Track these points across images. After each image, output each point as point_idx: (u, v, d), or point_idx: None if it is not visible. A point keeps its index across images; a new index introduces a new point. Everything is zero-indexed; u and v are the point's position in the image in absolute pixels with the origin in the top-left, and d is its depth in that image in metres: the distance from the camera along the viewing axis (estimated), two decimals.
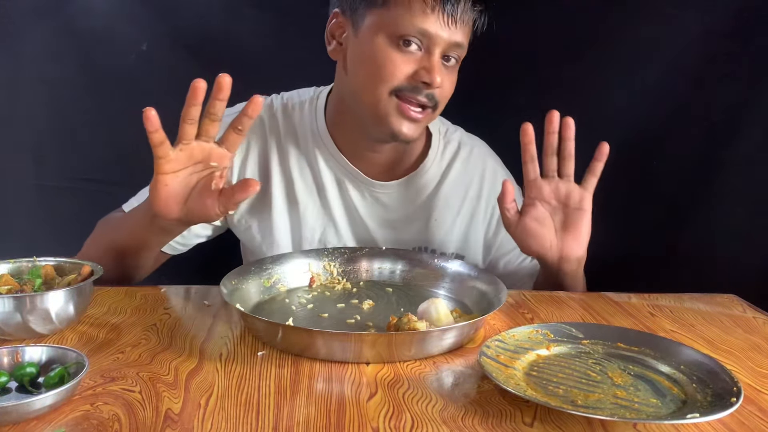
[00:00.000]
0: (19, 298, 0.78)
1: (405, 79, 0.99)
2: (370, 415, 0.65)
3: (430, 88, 0.99)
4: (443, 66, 1.01)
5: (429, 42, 0.99)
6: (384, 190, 1.15)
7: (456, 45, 1.00)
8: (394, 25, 0.98)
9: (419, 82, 0.99)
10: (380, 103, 1.01)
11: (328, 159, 1.14)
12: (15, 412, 0.61)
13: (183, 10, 1.43)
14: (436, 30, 0.98)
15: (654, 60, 1.32)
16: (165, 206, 0.91)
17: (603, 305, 0.98)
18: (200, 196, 0.91)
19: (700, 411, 0.63)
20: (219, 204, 0.91)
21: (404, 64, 0.99)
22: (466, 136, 1.22)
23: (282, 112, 1.17)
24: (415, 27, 0.97)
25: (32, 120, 1.49)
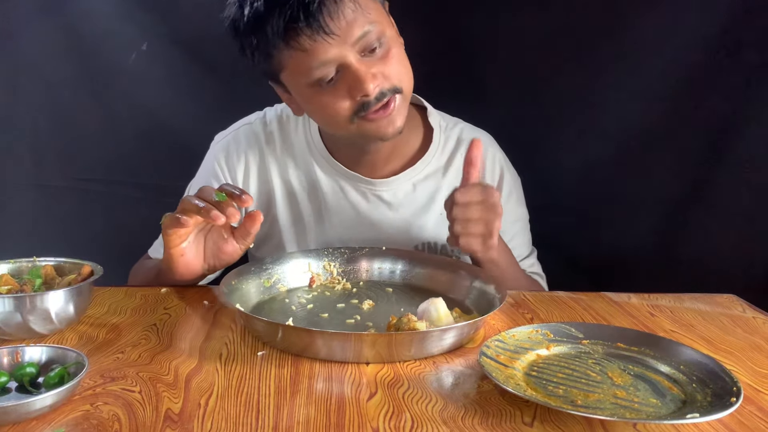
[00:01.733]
0: (19, 298, 0.78)
1: (349, 109, 0.97)
2: (370, 415, 0.65)
3: (371, 96, 0.95)
4: (371, 60, 0.96)
5: (335, 62, 0.94)
6: (384, 187, 1.14)
7: (360, 39, 0.94)
8: (301, 78, 0.97)
9: (360, 99, 0.96)
10: (349, 131, 1.01)
11: (324, 166, 1.14)
12: (15, 412, 0.61)
13: (183, 10, 1.43)
14: (327, 54, 0.93)
15: (654, 60, 1.32)
16: (187, 272, 0.96)
17: (603, 305, 0.98)
18: (216, 246, 0.96)
19: (699, 411, 0.63)
20: (238, 244, 0.96)
21: (338, 99, 0.97)
22: (468, 129, 1.21)
23: (277, 123, 1.17)
24: (309, 68, 0.95)
25: (32, 120, 1.49)
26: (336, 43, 0.93)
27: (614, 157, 1.38)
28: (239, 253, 0.97)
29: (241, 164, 1.15)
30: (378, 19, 0.97)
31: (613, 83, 1.35)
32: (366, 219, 1.15)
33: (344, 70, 0.95)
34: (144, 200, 1.50)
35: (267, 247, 1.19)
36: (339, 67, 0.95)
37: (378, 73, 0.96)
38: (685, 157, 1.35)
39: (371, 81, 0.95)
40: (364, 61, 0.96)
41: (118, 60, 1.45)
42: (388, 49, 0.98)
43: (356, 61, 0.95)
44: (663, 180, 1.37)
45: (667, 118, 1.34)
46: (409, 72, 1.02)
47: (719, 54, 1.28)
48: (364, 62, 0.95)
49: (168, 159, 1.48)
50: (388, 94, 0.98)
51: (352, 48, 0.94)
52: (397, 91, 0.99)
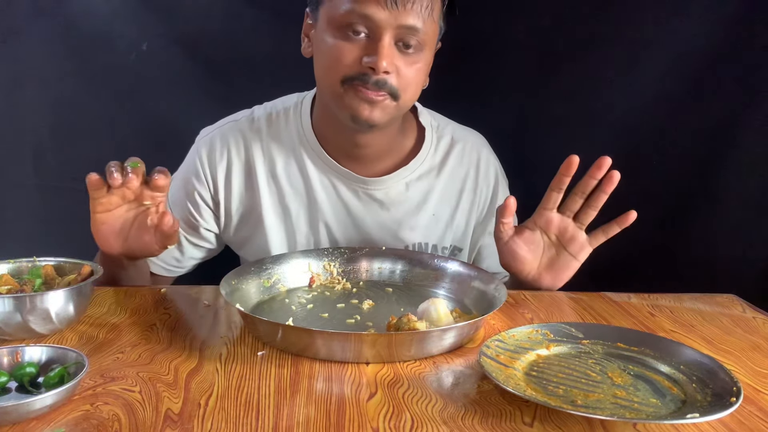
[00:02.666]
0: (19, 298, 0.78)
1: (351, 67, 0.98)
2: (370, 415, 0.65)
3: (377, 74, 0.97)
4: (399, 54, 0.98)
5: (374, 27, 0.96)
6: (377, 186, 1.14)
7: (408, 29, 0.96)
8: (338, 14, 0.97)
9: (365, 68, 0.97)
10: (335, 93, 1.01)
11: (317, 161, 1.13)
12: (15, 412, 0.61)
13: (183, 10, 1.43)
14: (378, 13, 0.95)
15: (654, 60, 1.32)
16: (106, 243, 0.98)
17: (603, 305, 0.98)
18: (138, 232, 0.97)
19: (699, 411, 0.63)
20: (156, 239, 0.97)
21: (350, 52, 0.97)
22: (459, 130, 1.21)
23: (266, 121, 1.15)
24: (355, 12, 0.95)
25: (32, 120, 1.49)
26: (389, 13, 0.94)
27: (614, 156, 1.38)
28: (156, 248, 0.98)
29: (223, 161, 1.14)
30: (429, 33, 1.00)
31: (612, 83, 1.35)
32: (357, 218, 1.15)
33: (374, 36, 0.96)
34: None
35: (251, 246, 1.17)
36: (373, 31, 0.96)
37: (394, 66, 0.98)
38: (685, 157, 1.35)
39: (387, 62, 0.96)
40: (393, 46, 0.97)
41: (118, 60, 1.45)
42: (417, 59, 1.00)
43: (388, 40, 0.96)
44: (663, 180, 1.37)
45: (667, 118, 1.34)
46: (416, 91, 1.04)
47: (719, 54, 1.28)
48: (392, 46, 0.97)
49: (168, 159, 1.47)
50: (385, 90, 0.98)
51: (396, 29, 0.96)
52: (394, 94, 1.00)
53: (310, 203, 1.14)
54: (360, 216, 1.15)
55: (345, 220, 1.15)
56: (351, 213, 1.15)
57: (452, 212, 1.18)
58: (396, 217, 1.15)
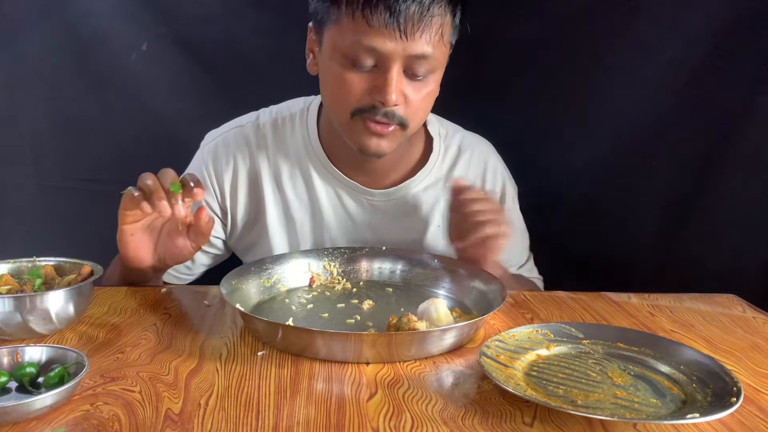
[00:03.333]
0: (19, 298, 0.78)
1: (360, 101, 0.95)
2: (370, 415, 0.65)
3: (386, 107, 0.94)
4: (408, 81, 0.95)
5: (382, 59, 0.92)
6: (382, 198, 1.12)
7: (417, 57, 0.92)
8: (344, 45, 0.93)
9: (375, 101, 0.94)
10: (344, 123, 0.99)
11: (322, 172, 1.12)
12: (15, 412, 0.61)
13: (183, 10, 1.43)
14: (385, 45, 0.90)
15: (654, 60, 1.32)
16: (136, 256, 0.96)
17: (603, 305, 0.98)
18: (169, 237, 0.96)
19: (700, 411, 0.64)
20: (191, 240, 0.95)
21: (358, 84, 0.94)
22: (468, 138, 1.19)
23: (272, 127, 1.13)
24: (362, 45, 0.91)
25: (32, 120, 1.49)
26: (396, 44, 0.91)
27: (614, 157, 1.38)
28: (190, 251, 0.97)
29: (229, 169, 1.13)
30: (439, 57, 0.96)
31: (613, 83, 1.35)
32: (362, 229, 1.13)
33: (382, 68, 0.93)
34: None
35: (255, 253, 1.16)
36: (381, 61, 0.93)
37: (404, 96, 0.95)
38: (685, 157, 1.35)
39: (396, 95, 0.93)
40: (402, 76, 0.94)
41: (118, 60, 1.45)
42: (426, 85, 0.97)
43: (397, 70, 0.93)
44: (663, 180, 1.37)
45: (667, 119, 1.34)
46: (424, 117, 1.03)
47: (720, 54, 1.28)
48: (402, 77, 0.94)
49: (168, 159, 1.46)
50: (394, 121, 0.97)
51: (405, 58, 0.92)
52: (403, 124, 0.98)
53: (314, 214, 1.13)
54: (365, 228, 1.13)
55: (350, 232, 1.14)
56: (356, 224, 1.13)
57: None
58: (401, 229, 1.14)
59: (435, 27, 0.92)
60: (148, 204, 0.88)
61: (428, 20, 0.91)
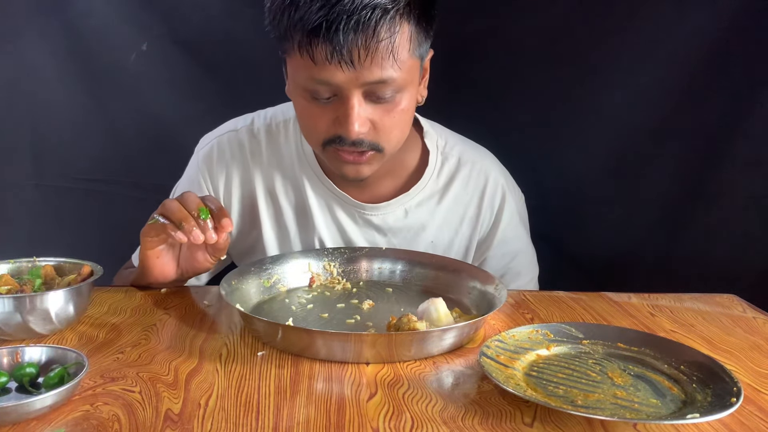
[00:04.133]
0: (19, 298, 0.78)
1: (326, 132, 0.93)
2: (370, 415, 0.65)
3: (350, 138, 0.91)
4: (374, 105, 0.91)
5: (338, 89, 0.89)
6: (376, 212, 1.10)
7: (376, 83, 0.88)
8: (300, 79, 0.91)
9: (339, 132, 0.92)
10: (320, 152, 0.99)
11: (315, 182, 1.10)
12: (15, 412, 0.61)
13: (183, 10, 1.43)
14: (336, 77, 0.86)
15: (653, 60, 1.32)
16: (161, 275, 0.97)
17: (603, 305, 0.98)
18: (190, 252, 0.97)
19: (700, 411, 0.63)
20: (210, 253, 0.96)
21: (321, 117, 0.92)
22: (468, 150, 1.15)
23: (266, 133, 1.12)
24: (315, 79, 0.88)
25: (32, 120, 1.49)
26: (348, 74, 0.86)
27: (614, 157, 1.38)
28: (210, 263, 0.98)
29: (222, 175, 1.12)
30: (405, 75, 0.90)
31: (612, 83, 1.35)
32: (353, 242, 1.12)
33: (341, 99, 0.90)
34: (144, 200, 1.49)
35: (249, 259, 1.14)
36: (339, 92, 0.90)
37: (369, 122, 0.92)
38: (685, 157, 1.35)
39: (359, 125, 0.90)
40: (364, 102, 0.90)
41: (118, 60, 1.45)
42: (395, 105, 0.92)
43: (357, 101, 0.89)
44: (663, 180, 1.37)
45: (666, 119, 1.34)
46: (402, 134, 0.98)
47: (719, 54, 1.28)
48: (363, 104, 0.90)
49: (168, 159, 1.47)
50: (366, 147, 0.94)
51: (361, 87, 0.88)
52: (376, 149, 0.95)
53: (307, 224, 1.12)
54: (356, 241, 1.12)
55: (341, 243, 1.12)
56: (347, 237, 1.12)
57: (451, 239, 1.13)
58: (393, 244, 1.12)
59: (385, 51, 0.86)
60: (181, 233, 0.87)
61: (375, 45, 0.85)
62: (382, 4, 0.84)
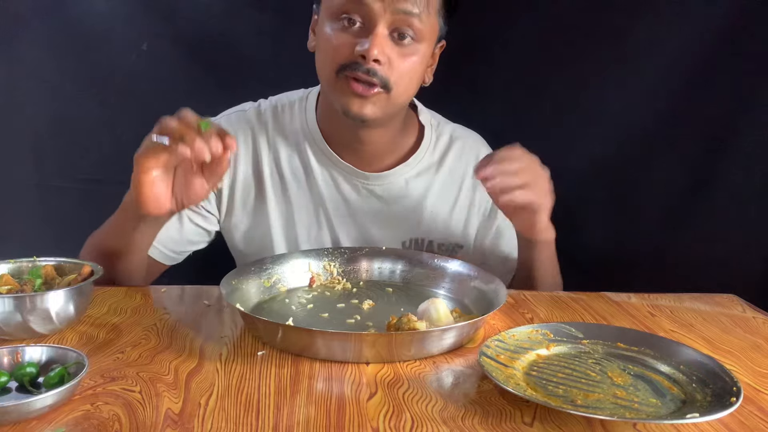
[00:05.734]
0: (19, 298, 0.78)
1: (345, 56, 0.98)
2: (370, 415, 0.65)
3: (367, 63, 0.96)
4: (393, 45, 0.98)
5: (369, 15, 0.96)
6: (377, 182, 1.14)
7: (404, 14, 0.97)
8: (335, 3, 0.98)
9: (358, 56, 0.97)
10: (330, 83, 1.02)
11: (319, 155, 1.14)
12: (15, 412, 0.61)
13: (183, 10, 1.43)
14: (372, 2, 0.95)
15: (654, 60, 1.32)
16: (156, 204, 0.91)
17: (603, 305, 0.98)
18: (185, 178, 0.92)
19: (699, 411, 0.64)
20: (206, 180, 0.92)
21: (345, 40, 0.98)
22: (459, 129, 1.22)
23: (271, 113, 1.17)
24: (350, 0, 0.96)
25: (32, 120, 1.49)
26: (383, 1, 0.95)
27: (614, 157, 1.38)
28: (206, 189, 0.93)
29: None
30: (427, 25, 1.00)
31: (612, 83, 1.35)
32: (357, 212, 1.15)
33: (368, 25, 0.97)
34: None
35: (252, 236, 1.17)
36: (366, 19, 0.97)
37: (386, 56, 0.97)
38: (685, 157, 1.35)
39: (378, 51, 0.96)
40: (388, 37, 0.97)
41: (118, 60, 1.45)
42: (413, 52, 1.00)
43: (381, 29, 0.96)
44: (663, 180, 1.37)
45: (666, 118, 1.34)
46: (411, 84, 1.03)
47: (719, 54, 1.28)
48: (387, 38, 0.97)
49: None
50: (377, 80, 0.98)
51: (390, 15, 0.96)
52: (386, 86, 0.99)
53: (312, 196, 1.15)
54: (360, 210, 1.15)
55: (345, 214, 1.16)
56: (351, 207, 1.15)
57: (450, 209, 1.18)
58: (395, 213, 1.16)
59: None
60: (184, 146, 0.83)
61: None
62: None
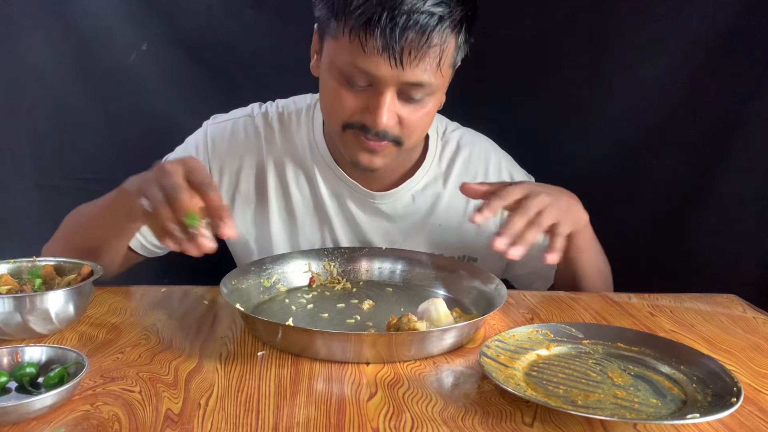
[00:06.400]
0: (19, 298, 0.78)
1: (352, 117, 0.95)
2: (370, 415, 0.65)
3: (378, 129, 0.93)
4: (404, 104, 0.94)
5: (376, 82, 0.91)
6: (384, 200, 1.12)
7: (412, 85, 0.91)
8: (340, 62, 0.92)
9: (366, 121, 0.94)
10: (337, 134, 1.00)
11: (326, 172, 1.11)
12: (15, 412, 0.61)
13: (183, 10, 1.43)
14: (380, 71, 0.89)
15: (654, 60, 1.32)
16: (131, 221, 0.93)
17: (603, 305, 0.98)
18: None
19: (700, 411, 0.64)
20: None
21: (352, 102, 0.94)
22: (467, 135, 1.18)
23: (278, 121, 1.14)
24: (357, 67, 0.90)
25: (32, 120, 1.49)
26: (392, 70, 0.89)
27: (614, 157, 1.38)
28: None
29: (236, 155, 1.12)
30: (439, 82, 0.94)
31: (612, 84, 1.35)
32: (364, 230, 1.13)
33: (376, 90, 0.92)
34: None
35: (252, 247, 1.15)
36: (375, 84, 0.92)
37: (396, 117, 0.94)
38: (686, 157, 1.35)
39: (387, 119, 0.92)
40: (397, 99, 0.93)
41: (118, 60, 1.44)
42: (423, 106, 0.96)
43: (391, 96, 0.92)
44: (663, 180, 1.37)
45: (667, 118, 1.34)
46: (422, 134, 1.02)
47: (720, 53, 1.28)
48: (395, 101, 0.93)
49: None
50: (388, 139, 0.96)
51: (398, 84, 0.91)
52: (397, 142, 0.97)
53: (317, 212, 1.13)
54: (367, 229, 1.13)
55: (351, 232, 1.14)
56: (358, 225, 1.13)
57: (459, 221, 1.14)
58: (403, 230, 1.13)
59: (433, 56, 0.90)
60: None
61: (426, 50, 0.88)
62: (440, 12, 0.87)
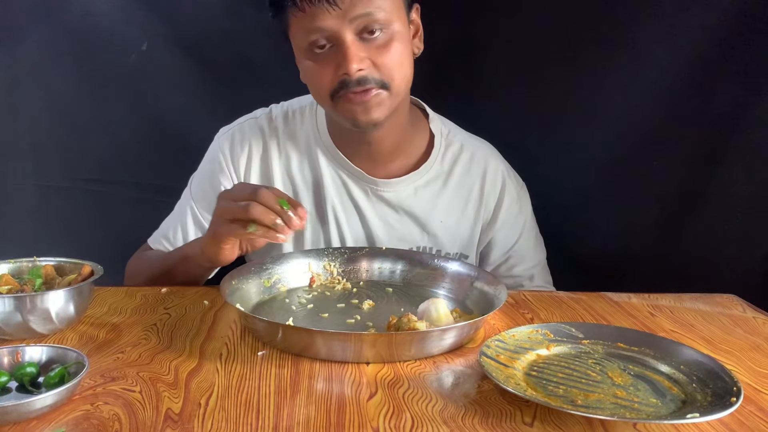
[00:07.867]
0: (20, 298, 0.78)
1: (331, 82, 0.98)
2: (370, 415, 0.65)
3: (353, 77, 0.96)
4: (367, 44, 0.96)
5: (330, 34, 0.95)
6: (387, 188, 1.14)
7: (360, 16, 0.94)
8: (299, 40, 0.99)
9: (342, 77, 0.97)
10: (330, 108, 1.02)
11: (330, 160, 1.14)
12: (15, 412, 0.61)
13: (183, 10, 1.43)
14: (325, 21, 0.94)
15: (654, 60, 1.31)
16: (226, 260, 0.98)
17: (603, 305, 0.98)
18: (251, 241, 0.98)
19: (700, 411, 0.64)
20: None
21: (323, 68, 0.98)
22: (469, 139, 1.21)
23: (282, 118, 1.17)
24: (308, 30, 0.96)
25: (32, 120, 1.49)
26: (335, 15, 0.93)
27: (614, 157, 1.38)
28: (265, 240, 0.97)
29: (243, 155, 1.15)
30: (388, 7, 0.96)
31: (613, 83, 1.35)
32: (366, 216, 1.15)
33: (336, 43, 0.96)
34: (144, 200, 1.50)
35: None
36: (332, 38, 0.96)
37: (367, 59, 0.97)
38: (686, 157, 1.35)
39: (357, 62, 0.95)
40: (358, 41, 0.96)
41: (118, 60, 1.45)
42: (389, 39, 0.98)
43: (350, 39, 0.95)
44: (663, 180, 1.37)
45: (667, 118, 1.34)
46: (404, 71, 1.02)
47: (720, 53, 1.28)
48: (357, 43, 0.96)
49: (168, 159, 1.48)
50: (371, 83, 0.97)
51: (350, 24, 0.95)
52: (383, 85, 0.99)
53: (321, 199, 1.15)
54: (369, 215, 1.15)
55: (354, 218, 1.16)
56: (360, 211, 1.15)
57: (458, 220, 1.17)
58: (404, 220, 1.15)
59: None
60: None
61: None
62: None
